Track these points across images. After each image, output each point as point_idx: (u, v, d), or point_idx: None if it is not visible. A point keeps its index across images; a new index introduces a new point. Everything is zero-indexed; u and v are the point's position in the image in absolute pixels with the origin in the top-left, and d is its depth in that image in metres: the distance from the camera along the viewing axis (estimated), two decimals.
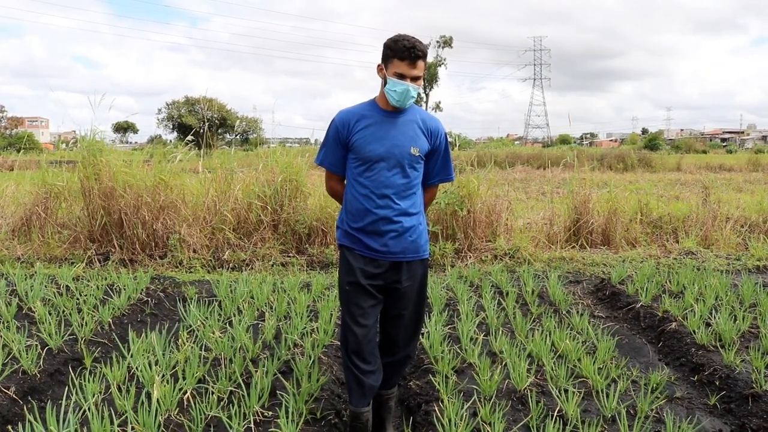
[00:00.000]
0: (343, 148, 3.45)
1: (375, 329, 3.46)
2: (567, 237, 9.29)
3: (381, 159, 3.33)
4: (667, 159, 39.83)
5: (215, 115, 58.81)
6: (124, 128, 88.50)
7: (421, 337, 4.30)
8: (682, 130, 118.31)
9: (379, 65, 3.40)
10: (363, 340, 3.34)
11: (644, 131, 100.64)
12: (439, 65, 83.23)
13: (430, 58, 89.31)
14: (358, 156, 3.38)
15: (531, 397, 3.80)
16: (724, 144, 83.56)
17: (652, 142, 61.98)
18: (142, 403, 3.40)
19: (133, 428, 3.34)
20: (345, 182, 3.56)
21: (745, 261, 8.54)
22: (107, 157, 8.63)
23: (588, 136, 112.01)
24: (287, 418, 3.41)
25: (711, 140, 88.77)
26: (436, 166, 3.59)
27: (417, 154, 3.39)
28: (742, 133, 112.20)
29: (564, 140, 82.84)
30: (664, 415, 3.70)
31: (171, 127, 62.65)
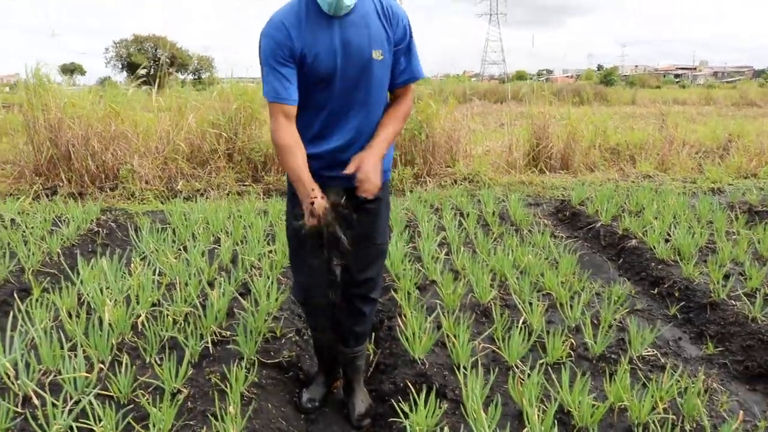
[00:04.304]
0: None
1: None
2: (526, 162, 9.26)
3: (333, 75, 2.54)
4: (622, 93, 39.98)
5: (165, 54, 57.02)
6: (71, 70, 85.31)
7: None
8: (636, 66, 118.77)
9: None
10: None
11: (599, 67, 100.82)
12: None
13: None
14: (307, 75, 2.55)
15: (495, 310, 3.76)
16: (677, 80, 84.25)
17: (607, 77, 62.14)
18: (94, 326, 3.25)
19: (84, 351, 3.20)
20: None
21: (701, 184, 8.64)
22: (54, 88, 8.25)
23: (544, 72, 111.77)
24: (245, 335, 3.31)
25: (664, 76, 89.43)
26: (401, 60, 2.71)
27: (381, 58, 2.58)
28: (695, 69, 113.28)
29: (520, 76, 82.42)
30: (628, 323, 3.70)
31: (120, 66, 60.54)
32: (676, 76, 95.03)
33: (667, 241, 5.35)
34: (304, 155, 2.53)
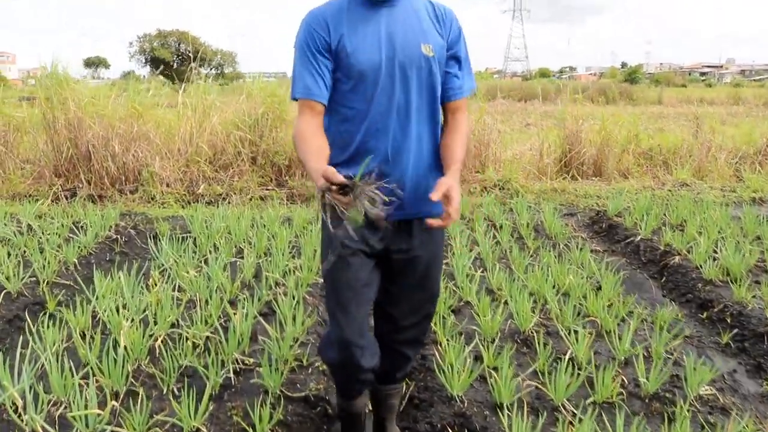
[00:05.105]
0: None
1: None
2: (558, 168, 8.95)
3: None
4: (647, 92, 39.34)
5: (188, 48, 57.10)
6: (95, 63, 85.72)
7: None
8: (661, 63, 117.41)
9: None
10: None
11: (624, 65, 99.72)
12: None
13: None
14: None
15: (538, 339, 3.48)
16: (703, 78, 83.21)
17: (631, 75, 61.49)
18: (108, 351, 3.03)
19: (97, 381, 2.98)
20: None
21: (741, 193, 8.28)
22: (74, 86, 8.10)
23: (567, 69, 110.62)
24: (270, 366, 3.07)
25: (690, 74, 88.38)
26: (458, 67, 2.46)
27: (431, 54, 2.33)
28: (721, 67, 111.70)
29: (543, 74, 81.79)
30: (682, 356, 3.42)
31: (144, 60, 60.80)
32: (702, 74, 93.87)
33: (714, 258, 5.03)
34: (320, 145, 2.19)
